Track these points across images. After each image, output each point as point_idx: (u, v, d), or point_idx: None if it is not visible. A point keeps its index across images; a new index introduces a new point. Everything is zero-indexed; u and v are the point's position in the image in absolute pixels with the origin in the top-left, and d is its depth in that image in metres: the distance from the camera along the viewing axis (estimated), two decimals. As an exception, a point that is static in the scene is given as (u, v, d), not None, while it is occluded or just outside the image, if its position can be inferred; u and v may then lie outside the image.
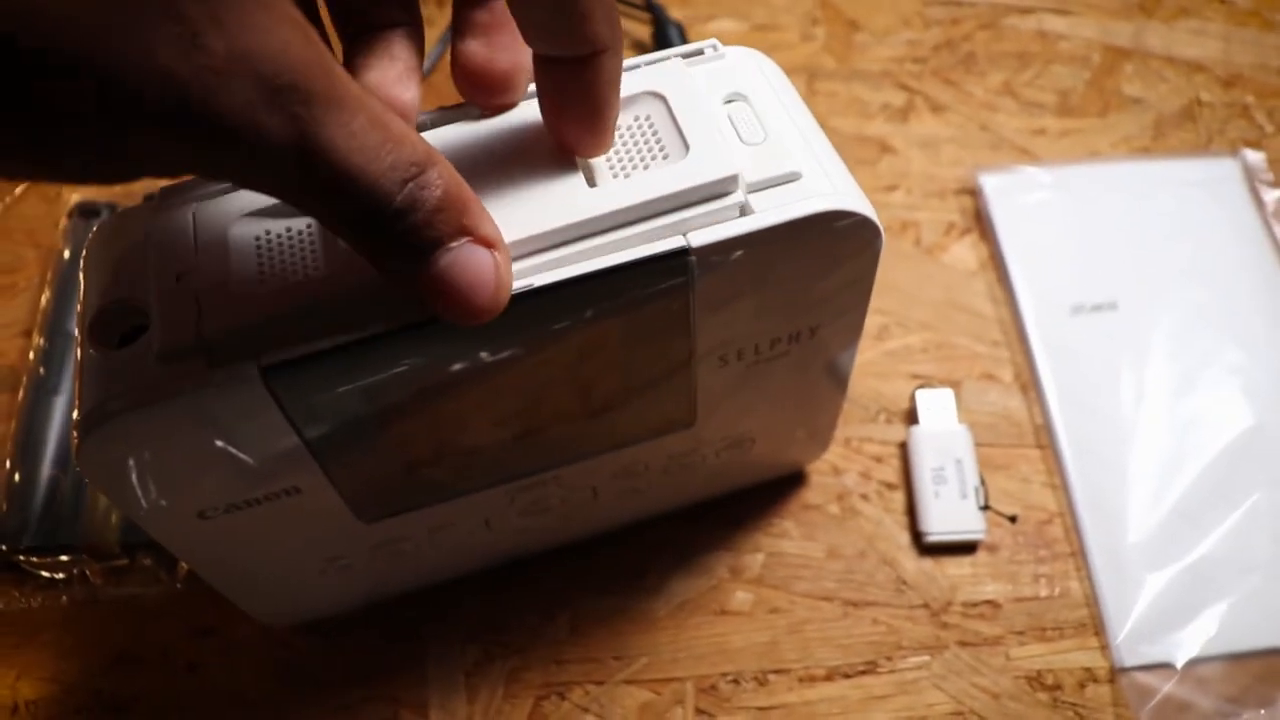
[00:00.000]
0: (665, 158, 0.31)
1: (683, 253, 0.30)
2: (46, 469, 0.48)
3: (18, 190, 0.58)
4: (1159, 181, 0.57)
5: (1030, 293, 0.53)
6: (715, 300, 0.32)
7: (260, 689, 0.45)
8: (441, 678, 0.45)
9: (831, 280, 0.34)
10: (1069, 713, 0.44)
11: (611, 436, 0.38)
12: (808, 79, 0.62)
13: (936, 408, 0.50)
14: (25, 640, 0.46)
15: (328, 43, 0.32)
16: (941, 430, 0.49)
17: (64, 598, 0.46)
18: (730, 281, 0.32)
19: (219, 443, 0.30)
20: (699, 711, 0.44)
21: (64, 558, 0.46)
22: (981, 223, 0.57)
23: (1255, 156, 0.58)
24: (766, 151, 0.31)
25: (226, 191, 0.31)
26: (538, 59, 0.29)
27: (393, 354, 0.29)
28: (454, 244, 0.26)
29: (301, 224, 0.31)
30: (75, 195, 0.56)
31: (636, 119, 0.32)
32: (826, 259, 0.33)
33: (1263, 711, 0.43)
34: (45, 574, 0.46)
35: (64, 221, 0.55)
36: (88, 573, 0.46)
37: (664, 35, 0.62)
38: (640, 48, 0.64)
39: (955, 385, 0.51)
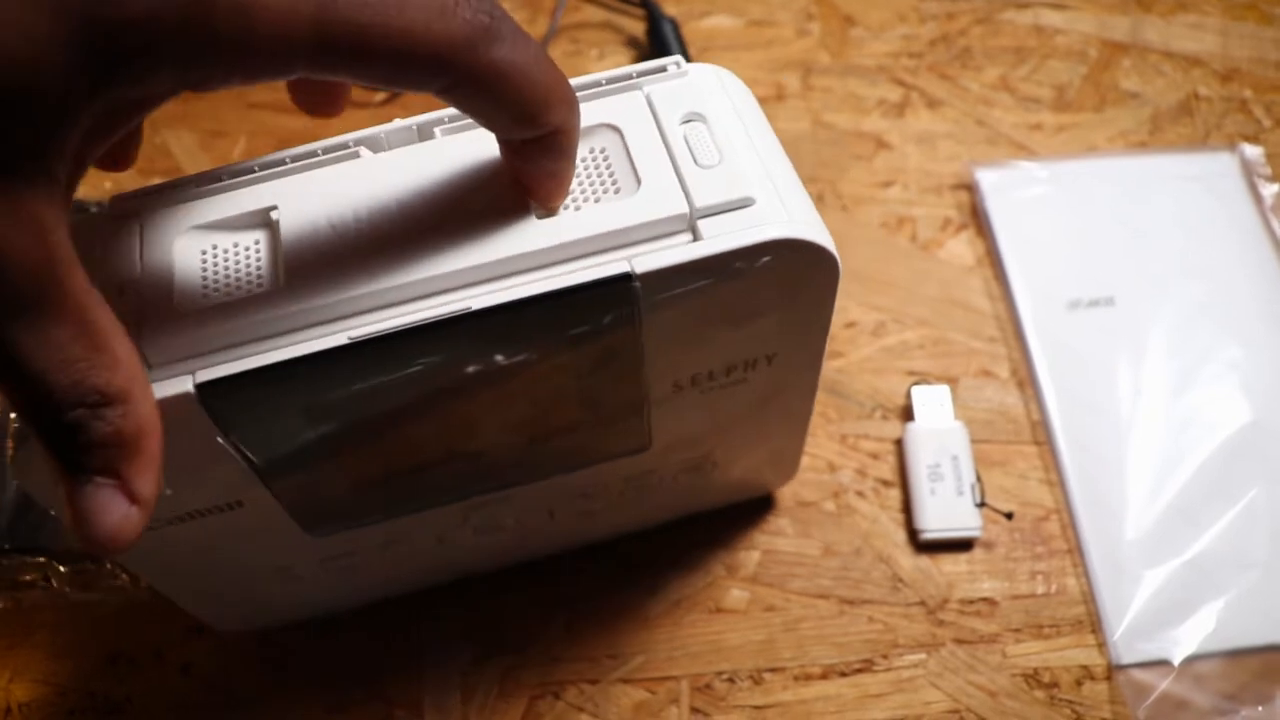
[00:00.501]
0: (617, 192, 0.31)
1: (626, 278, 0.29)
2: (16, 471, 0.48)
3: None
4: (1156, 176, 0.57)
5: (1027, 288, 0.53)
6: (665, 327, 0.31)
7: (254, 688, 0.45)
8: (436, 677, 0.45)
9: (787, 309, 0.33)
10: (1066, 710, 0.43)
11: (564, 460, 0.38)
12: (803, 74, 0.62)
13: (933, 404, 0.49)
14: (18, 641, 0.46)
15: None
16: (938, 427, 0.49)
17: (24, 600, 0.46)
18: (679, 308, 0.31)
19: None
20: (694, 710, 0.44)
21: (32, 559, 0.45)
22: (978, 218, 0.56)
23: (1253, 151, 0.57)
24: (721, 175, 0.30)
25: (177, 202, 0.31)
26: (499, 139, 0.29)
27: (331, 374, 0.29)
28: (100, 480, 0.25)
29: (249, 239, 0.31)
30: (68, 194, 0.56)
31: (591, 151, 0.31)
32: (780, 288, 0.32)
33: (1260, 708, 0.43)
34: (11, 577, 0.46)
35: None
36: (51, 577, 0.46)
37: (658, 32, 0.62)
38: (635, 45, 0.63)
39: (952, 382, 0.51)
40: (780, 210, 0.30)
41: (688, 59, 0.61)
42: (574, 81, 0.32)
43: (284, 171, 0.32)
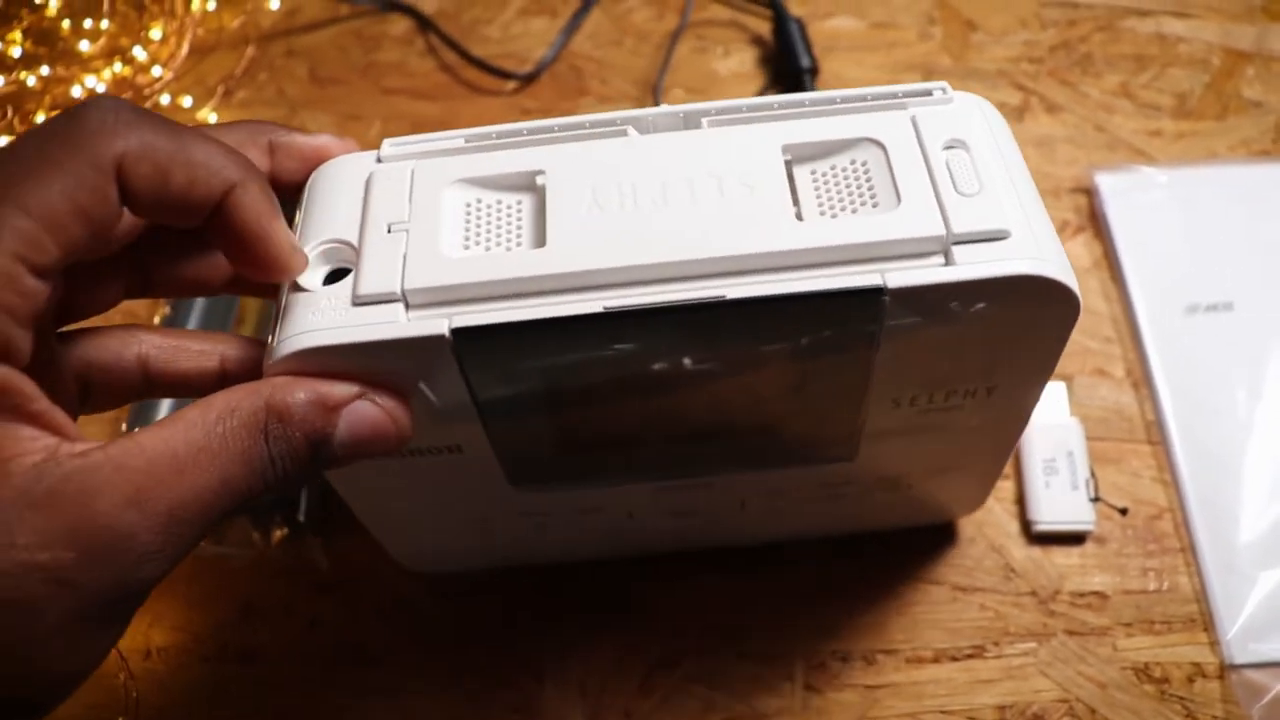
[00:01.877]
0: (875, 206, 0.31)
1: (877, 291, 0.29)
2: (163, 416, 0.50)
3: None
4: (1278, 185, 0.57)
5: (1144, 291, 0.54)
6: (900, 345, 0.32)
7: (381, 644, 0.47)
8: (556, 645, 0.46)
9: (1019, 344, 0.33)
10: (1177, 706, 0.44)
11: (772, 456, 0.38)
12: (924, 76, 0.63)
13: (1048, 400, 0.50)
14: (157, 590, 0.47)
15: None
16: (1053, 422, 0.49)
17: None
18: (919, 328, 0.31)
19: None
20: (808, 687, 0.45)
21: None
22: (1096, 221, 0.57)
23: (1378, 163, 0.57)
24: (979, 204, 0.30)
25: (448, 153, 0.33)
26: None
27: (578, 339, 0.30)
28: (336, 423, 0.29)
29: (513, 199, 0.32)
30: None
31: (853, 163, 0.32)
32: (1018, 322, 0.32)
33: (1377, 712, 0.43)
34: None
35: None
36: None
37: (784, 32, 0.63)
38: (760, 44, 0.65)
39: (1067, 379, 0.51)
40: (1034, 246, 0.30)
41: (812, 59, 0.62)
42: (839, 94, 0.33)
43: (551, 139, 0.33)
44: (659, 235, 0.30)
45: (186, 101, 0.64)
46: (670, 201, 0.31)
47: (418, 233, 0.31)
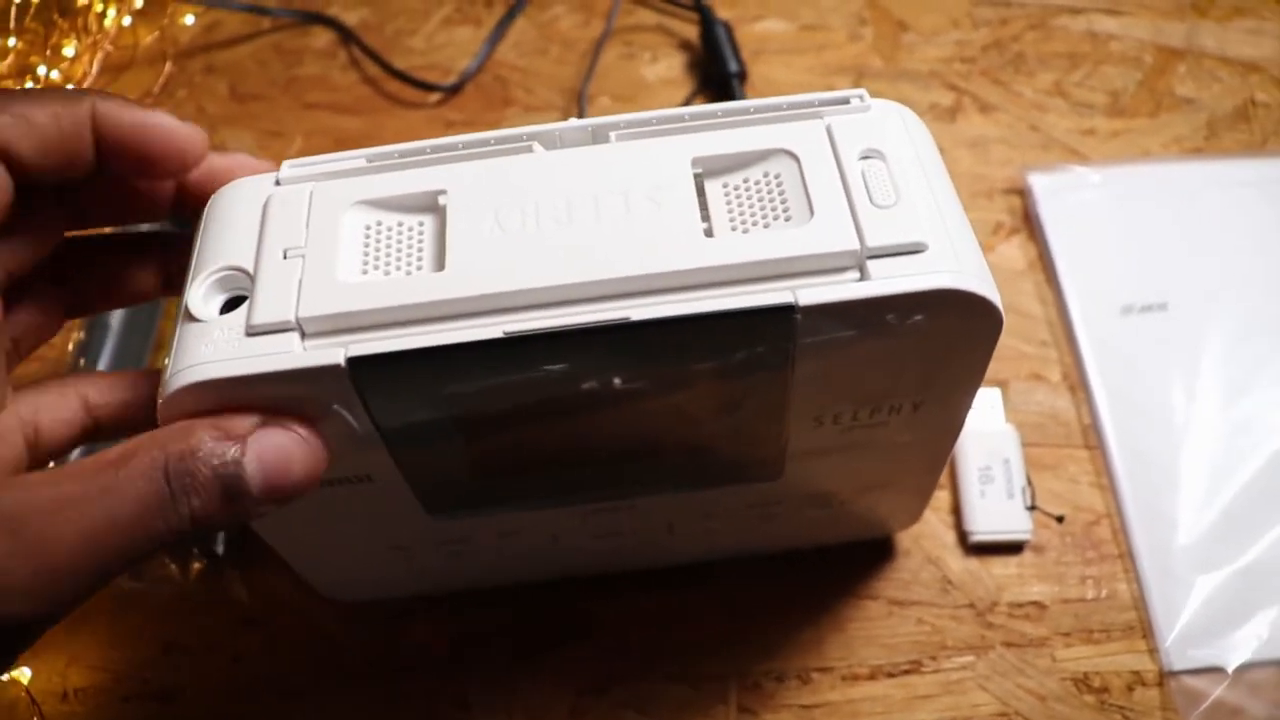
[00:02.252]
0: (787, 220, 0.30)
1: (789, 309, 0.28)
2: (76, 457, 0.48)
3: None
4: (1211, 182, 0.56)
5: (1079, 293, 0.53)
6: (817, 362, 0.31)
7: (304, 679, 0.45)
8: (482, 672, 0.45)
9: (942, 359, 0.32)
10: (1116, 716, 0.43)
11: (695, 477, 0.38)
12: (855, 78, 0.62)
13: (983, 407, 0.49)
14: (74, 628, 0.46)
15: None
16: (988, 430, 0.49)
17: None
18: (835, 345, 0.30)
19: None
20: (742, 708, 0.44)
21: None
22: (1030, 223, 0.56)
23: (1311, 157, 0.57)
24: (895, 217, 0.29)
25: (348, 175, 0.32)
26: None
27: (480, 365, 0.29)
28: (246, 450, 0.28)
29: (414, 220, 0.31)
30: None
31: (766, 175, 0.31)
32: (939, 337, 0.31)
33: (1316, 717, 0.42)
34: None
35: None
36: None
37: (711, 36, 0.62)
38: (688, 49, 0.64)
39: (1002, 385, 0.51)
40: (952, 259, 0.29)
41: (740, 63, 0.61)
42: (755, 103, 0.32)
43: (455, 157, 0.32)
44: (562, 255, 0.29)
45: (101, 121, 0.62)
46: (574, 219, 0.30)
47: (314, 258, 0.30)
